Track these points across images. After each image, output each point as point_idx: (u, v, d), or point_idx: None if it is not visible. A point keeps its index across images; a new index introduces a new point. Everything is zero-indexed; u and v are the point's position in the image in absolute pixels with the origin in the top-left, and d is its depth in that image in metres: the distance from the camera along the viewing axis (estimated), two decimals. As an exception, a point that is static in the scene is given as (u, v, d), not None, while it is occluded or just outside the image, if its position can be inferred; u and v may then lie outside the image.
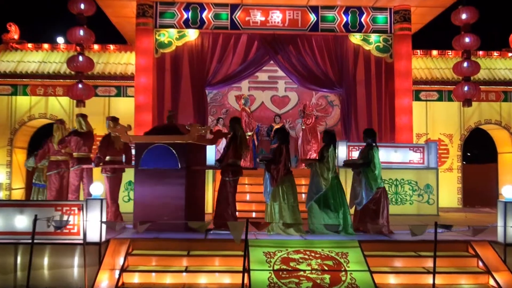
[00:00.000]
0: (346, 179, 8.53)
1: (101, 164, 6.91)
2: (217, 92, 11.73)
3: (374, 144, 6.47)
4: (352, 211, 6.56)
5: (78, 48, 9.85)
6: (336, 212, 6.28)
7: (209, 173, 8.61)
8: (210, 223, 5.33)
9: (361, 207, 6.37)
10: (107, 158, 7.01)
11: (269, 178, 6.37)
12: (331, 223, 6.16)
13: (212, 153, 9.07)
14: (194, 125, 6.28)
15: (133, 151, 7.01)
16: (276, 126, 11.16)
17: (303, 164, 10.33)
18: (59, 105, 11.43)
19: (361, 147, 9.42)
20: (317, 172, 6.35)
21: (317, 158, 10.18)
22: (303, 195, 8.94)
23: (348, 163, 6.71)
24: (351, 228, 6.24)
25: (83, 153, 7.29)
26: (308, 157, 10.35)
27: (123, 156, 7.12)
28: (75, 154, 7.28)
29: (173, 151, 6.21)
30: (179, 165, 6.19)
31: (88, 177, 7.28)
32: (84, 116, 7.52)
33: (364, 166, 6.37)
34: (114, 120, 7.12)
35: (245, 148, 6.53)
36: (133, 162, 6.90)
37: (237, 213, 6.60)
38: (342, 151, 9.47)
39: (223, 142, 10.76)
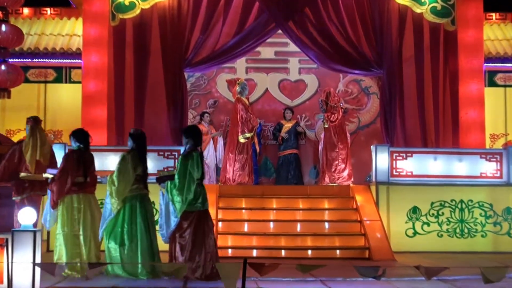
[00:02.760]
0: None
1: None
2: (200, 76, 11.66)
3: (196, 148, 6.45)
4: None
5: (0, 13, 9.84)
6: (121, 245, 6.40)
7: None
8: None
9: (166, 239, 6.43)
10: None
11: (49, 197, 6.55)
12: (114, 260, 6.30)
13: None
14: None
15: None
16: (287, 124, 11.19)
17: (327, 179, 10.34)
18: (-27, 96, 11.49)
19: (409, 154, 9.56)
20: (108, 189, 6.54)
21: (345, 169, 10.40)
22: (327, 225, 9.03)
23: (165, 176, 6.62)
24: (144, 270, 6.31)
25: None
26: (334, 169, 10.34)
27: None
28: None
29: None
30: None
31: None
32: None
33: (168, 179, 6.40)
34: None
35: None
36: None
37: None
38: (383, 161, 9.45)
39: (209, 148, 10.82)
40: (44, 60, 11.37)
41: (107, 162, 8.96)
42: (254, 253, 8.41)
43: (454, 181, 9.38)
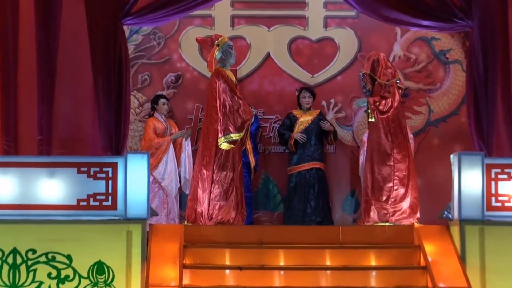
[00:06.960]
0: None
1: None
2: (152, 32, 12.08)
3: None
4: None
5: None
6: None
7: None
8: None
9: None
10: None
11: None
12: None
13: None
14: None
15: None
16: (305, 118, 11.39)
17: (373, 215, 10.32)
18: None
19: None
20: None
21: (406, 197, 10.54)
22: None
23: None
24: None
25: None
26: (386, 197, 10.28)
27: None
28: None
29: None
30: None
31: None
32: None
33: None
34: None
35: None
36: None
37: None
38: (472, 182, 9.42)
39: (167, 160, 10.99)
40: None
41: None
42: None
43: None
